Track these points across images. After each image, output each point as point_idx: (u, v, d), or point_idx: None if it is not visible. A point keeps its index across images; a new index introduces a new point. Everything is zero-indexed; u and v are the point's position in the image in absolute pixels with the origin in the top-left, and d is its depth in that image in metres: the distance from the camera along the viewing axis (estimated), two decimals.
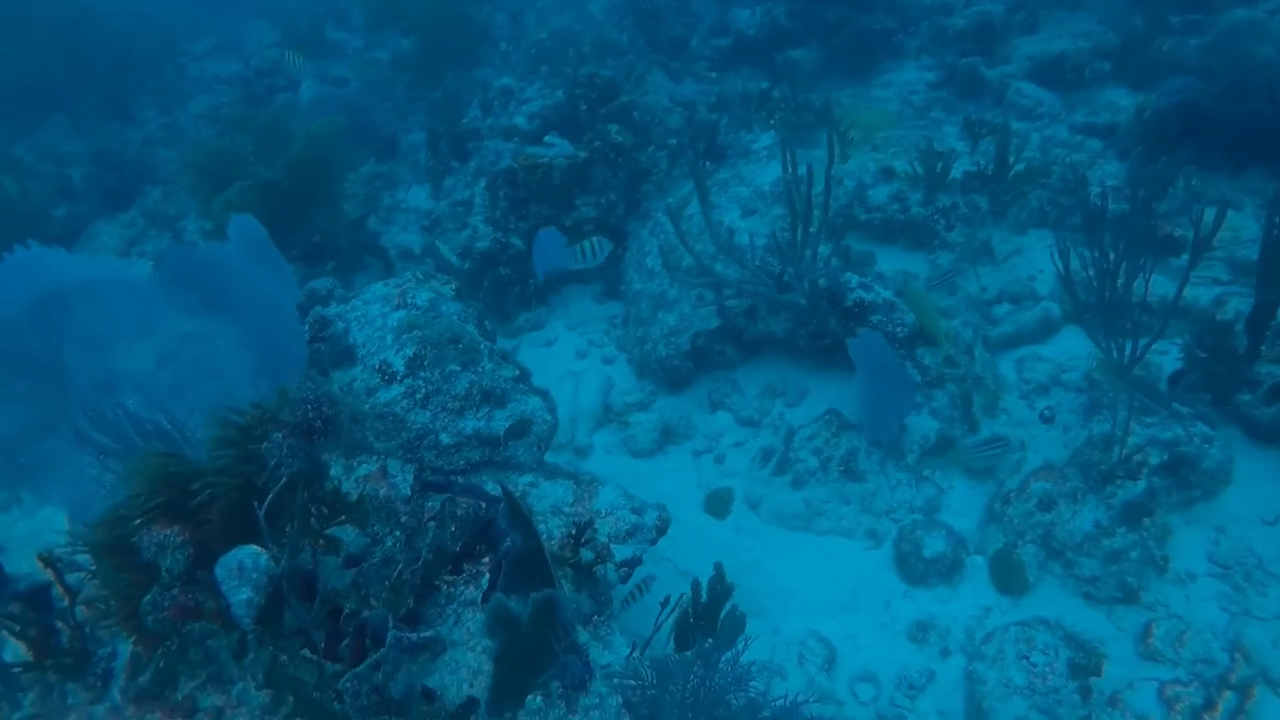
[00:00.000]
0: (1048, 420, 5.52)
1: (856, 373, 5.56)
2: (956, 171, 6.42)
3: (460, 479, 4.54)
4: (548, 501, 4.54)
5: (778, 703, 4.01)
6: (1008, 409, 5.67)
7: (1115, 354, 5.13)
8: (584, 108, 7.15)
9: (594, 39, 8.51)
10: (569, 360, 6.67)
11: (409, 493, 4.32)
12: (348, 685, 2.96)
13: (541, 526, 4.20)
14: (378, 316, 4.78)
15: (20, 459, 4.31)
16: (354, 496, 4.18)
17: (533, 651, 3.22)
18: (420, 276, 5.06)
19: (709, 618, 4.26)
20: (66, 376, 4.27)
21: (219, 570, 3.01)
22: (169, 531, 3.00)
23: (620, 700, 3.54)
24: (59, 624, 3.38)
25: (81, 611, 3.45)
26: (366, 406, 4.57)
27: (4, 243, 6.41)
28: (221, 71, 9.14)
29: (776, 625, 4.95)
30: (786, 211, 5.91)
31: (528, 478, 4.66)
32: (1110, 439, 4.94)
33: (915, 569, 5.01)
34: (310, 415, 3.20)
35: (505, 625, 3.09)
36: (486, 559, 3.78)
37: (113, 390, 4.23)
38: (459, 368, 4.62)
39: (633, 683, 3.58)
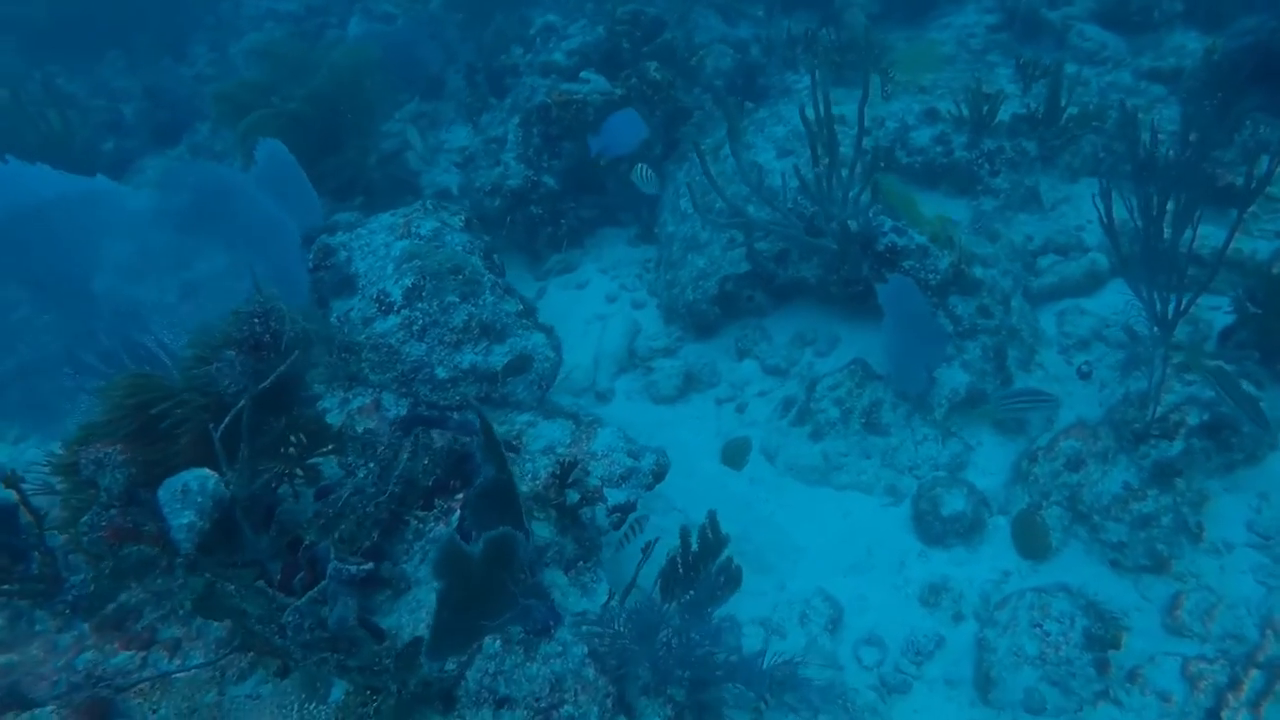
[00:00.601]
0: (1085, 376, 5.19)
1: (885, 320, 5.30)
2: (1005, 114, 6.03)
3: (456, 414, 4.45)
4: (543, 441, 4.43)
5: (763, 661, 3.87)
6: (1044, 363, 5.35)
7: (1158, 308, 4.76)
8: (626, 45, 6.91)
9: None
10: (599, 304, 6.52)
11: None
12: (290, 619, 2.90)
13: (529, 465, 4.12)
14: (381, 246, 4.70)
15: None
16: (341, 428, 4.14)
17: (485, 593, 3.12)
18: (429, 207, 4.97)
19: (700, 569, 4.11)
20: (49, 293, 4.30)
21: (162, 492, 2.96)
22: (110, 449, 2.96)
23: (586, 650, 3.43)
24: (34, 552, 3.39)
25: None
26: (362, 337, 4.52)
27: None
28: (277, 7, 9.14)
29: (783, 582, 4.77)
30: (823, 152, 5.65)
31: (526, 416, 4.56)
32: (1146, 396, 4.60)
33: (933, 528, 4.77)
34: (258, 330, 3.12)
35: (454, 564, 2.98)
36: (460, 495, 3.69)
37: (95, 308, 4.24)
38: (458, 299, 4.53)
39: (599, 631, 3.47)
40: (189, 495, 3.03)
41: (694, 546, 4.06)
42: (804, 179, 5.20)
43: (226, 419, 3.12)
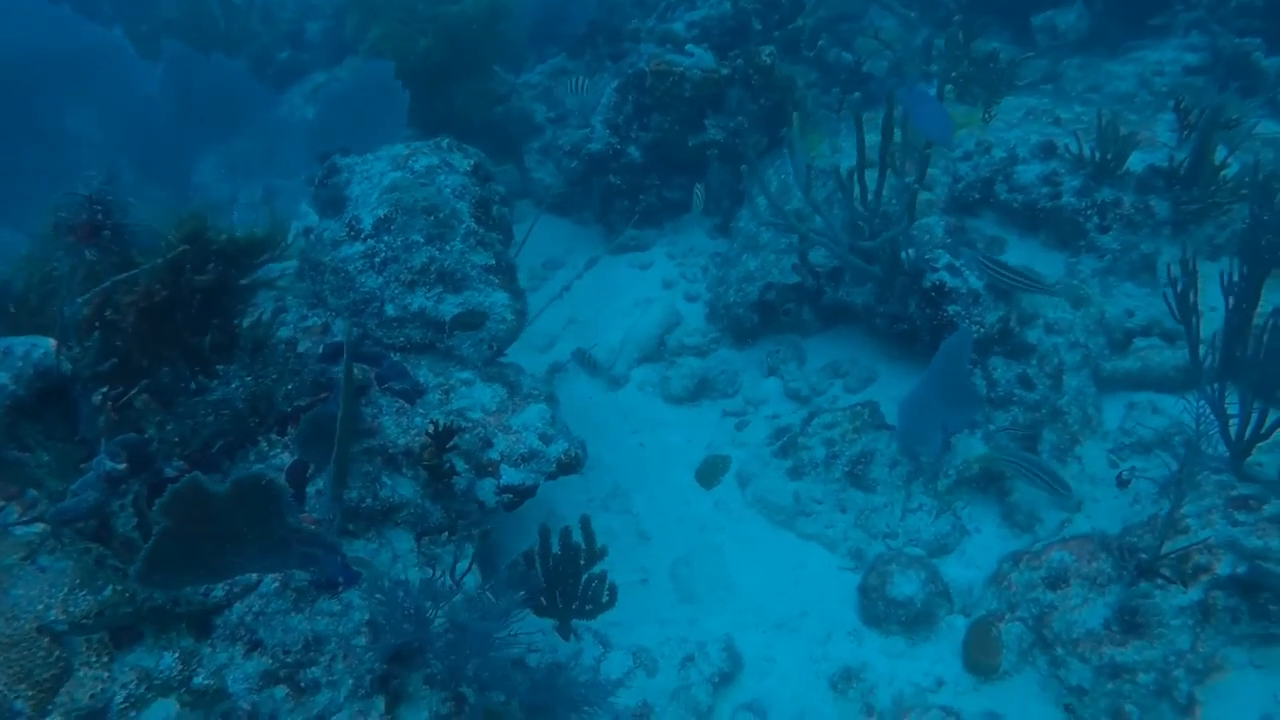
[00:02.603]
0: (1123, 484, 4.30)
1: (926, 371, 4.64)
2: (1139, 164, 5.08)
3: (396, 357, 4.35)
4: (467, 402, 4.24)
5: (606, 693, 3.49)
6: (1084, 458, 4.50)
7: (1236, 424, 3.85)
8: (758, 26, 6.48)
9: None
10: (653, 288, 6.20)
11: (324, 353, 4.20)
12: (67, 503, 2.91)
13: (419, 420, 3.92)
14: (377, 174, 4.66)
15: None
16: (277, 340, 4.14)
17: (236, 533, 2.94)
18: (444, 146, 4.86)
19: (563, 576, 3.78)
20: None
21: None
22: None
23: (367, 618, 3.22)
24: None
25: None
26: (327, 259, 4.50)
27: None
28: None
29: (697, 618, 4.32)
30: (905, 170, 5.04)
31: (466, 374, 4.38)
32: (1169, 523, 3.73)
33: (875, 607, 4.13)
34: (95, 216, 3.12)
35: (187, 504, 2.77)
36: None
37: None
38: (422, 240, 4.40)
39: (383, 602, 3.24)
40: (9, 358, 3.10)
41: (555, 549, 3.74)
42: (846, 190, 4.63)
43: (82, 299, 3.17)
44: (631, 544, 4.73)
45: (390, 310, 4.37)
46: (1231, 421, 3.99)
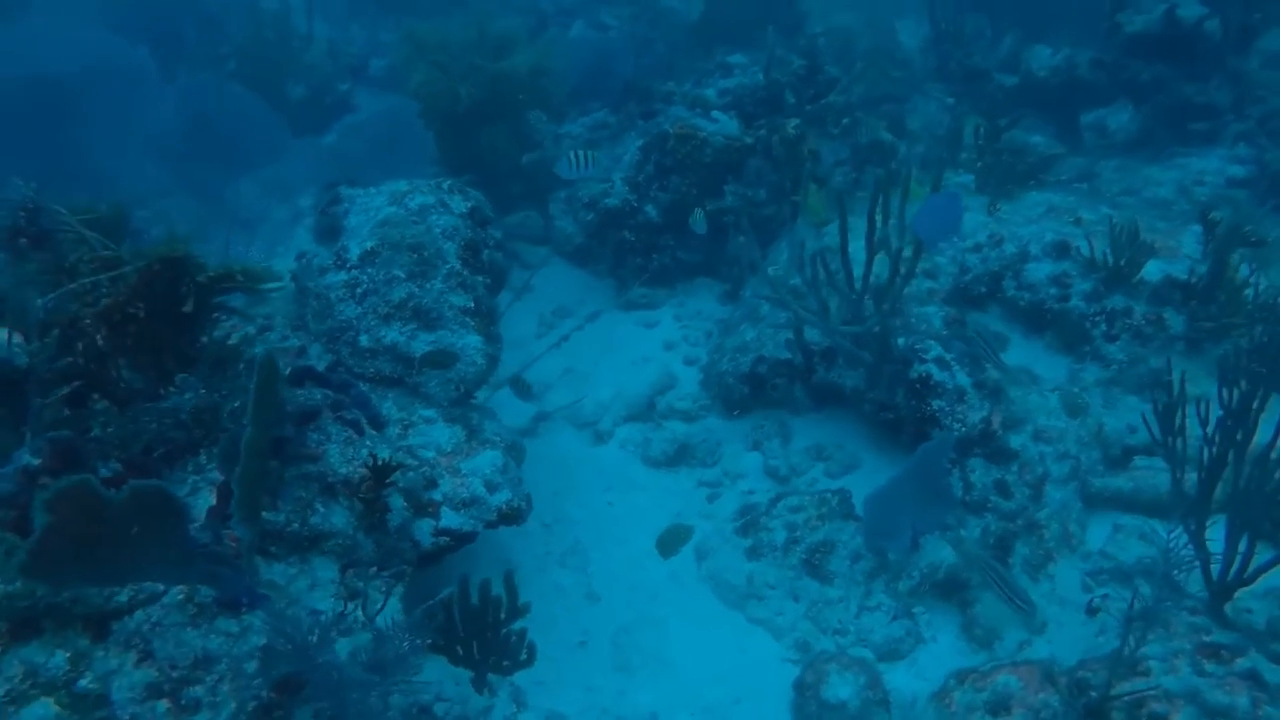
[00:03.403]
0: (1092, 612, 4.05)
1: (901, 468, 4.49)
2: (1157, 273, 4.87)
3: (365, 387, 4.36)
4: (423, 440, 4.23)
5: None
6: (1057, 577, 4.27)
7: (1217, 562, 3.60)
8: (791, 99, 6.46)
9: (875, 45, 7.63)
10: (655, 347, 6.15)
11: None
12: None
13: (364, 452, 3.90)
14: (375, 208, 4.74)
15: None
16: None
17: (130, 540, 2.94)
18: (445, 186, 4.92)
19: (480, 627, 3.70)
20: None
21: None
22: None
23: (263, 642, 3.18)
24: None
25: None
26: (312, 284, 4.57)
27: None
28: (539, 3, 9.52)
29: (626, 690, 4.18)
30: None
31: (429, 412, 4.38)
32: (1124, 662, 3.49)
33: (807, 707, 3.93)
34: (20, 222, 3.19)
35: (77, 503, 2.77)
36: None
37: None
38: (403, 275, 4.44)
39: (279, 631, 3.20)
40: None
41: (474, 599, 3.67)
42: (831, 274, 4.52)
43: (44, 301, 3.26)
44: (579, 604, 4.63)
45: (364, 341, 4.41)
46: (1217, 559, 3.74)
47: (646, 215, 6.26)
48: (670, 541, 4.84)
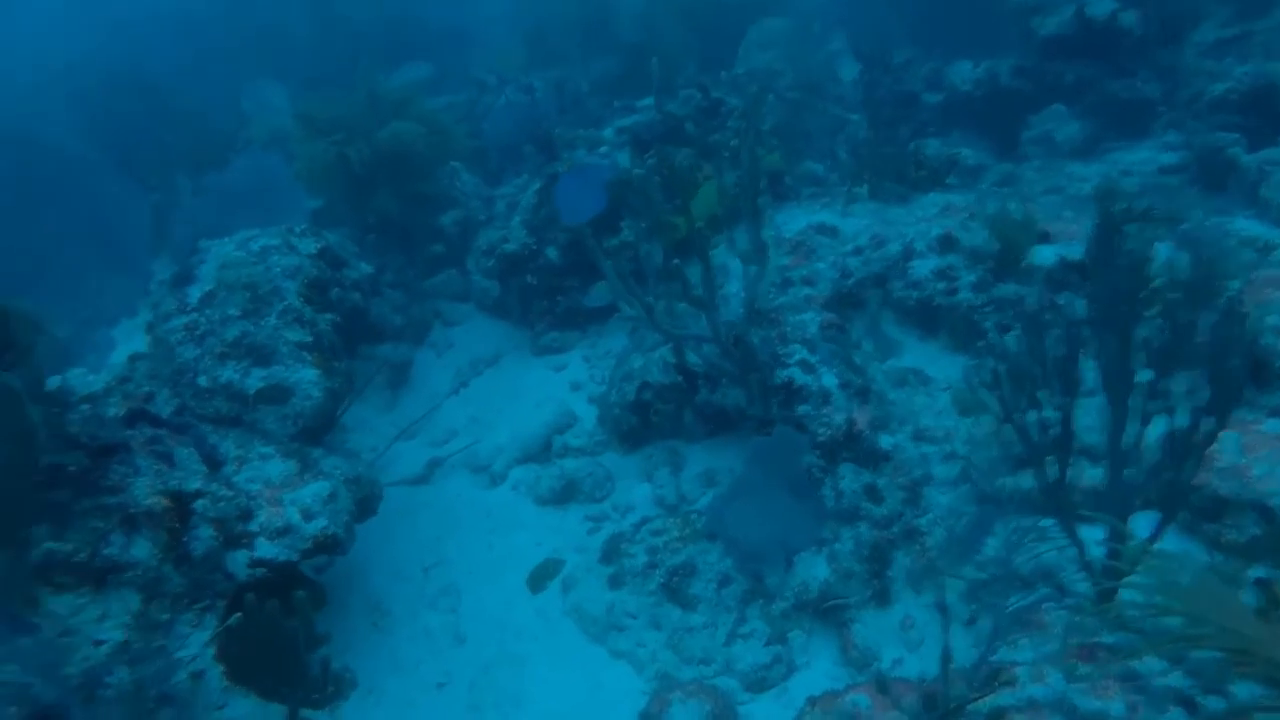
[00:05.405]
0: (973, 622, 3.60)
1: (745, 469, 4.19)
2: (1049, 256, 4.52)
3: (204, 427, 4.23)
4: (255, 472, 4.05)
5: None
6: (946, 587, 3.81)
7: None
8: (692, 129, 6.35)
9: (798, 81, 7.51)
10: (560, 389, 5.93)
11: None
12: None
13: (173, 484, 3.73)
14: (224, 254, 4.69)
15: None
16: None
17: None
18: (296, 231, 4.87)
19: (275, 657, 3.43)
20: None
21: None
22: None
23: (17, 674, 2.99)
24: None
25: None
26: (160, 331, 4.50)
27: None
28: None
29: None
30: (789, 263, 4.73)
31: (268, 449, 4.22)
32: (984, 670, 3.07)
33: None
34: None
35: None
36: None
37: None
38: (238, 314, 4.36)
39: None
40: None
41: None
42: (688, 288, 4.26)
43: None
44: (446, 645, 4.34)
45: (203, 381, 4.31)
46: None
47: (547, 258, 6.12)
48: (540, 577, 4.52)
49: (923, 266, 4.73)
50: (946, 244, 4.75)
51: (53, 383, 4.04)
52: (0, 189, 7.89)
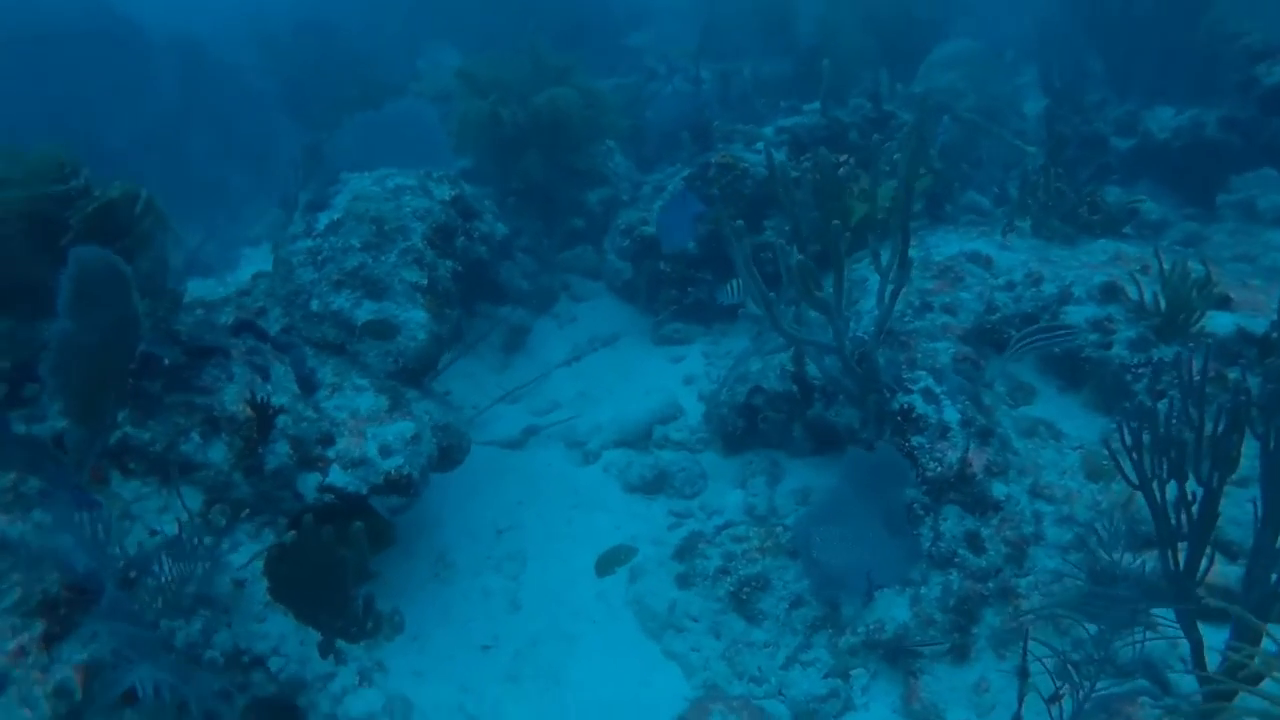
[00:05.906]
0: (1055, 700, 3.20)
1: (839, 485, 3.92)
2: (1226, 324, 4.03)
3: (307, 350, 4.28)
4: (345, 401, 4.06)
5: None
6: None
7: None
8: (856, 136, 6.06)
9: (979, 105, 7.06)
10: (673, 380, 5.75)
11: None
12: None
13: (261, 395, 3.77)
14: (359, 187, 4.75)
15: None
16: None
17: None
18: (434, 176, 4.89)
19: (322, 584, 3.39)
20: None
21: None
22: None
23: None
24: None
25: None
26: (282, 251, 4.58)
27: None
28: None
29: (501, 700, 3.79)
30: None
31: (363, 380, 4.23)
32: None
33: None
34: None
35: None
36: None
37: None
38: (359, 245, 4.39)
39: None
40: None
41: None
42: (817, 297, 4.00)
43: None
44: (500, 609, 4.26)
45: (315, 305, 4.35)
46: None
47: (684, 246, 5.96)
48: (609, 561, 4.34)
49: (1078, 313, 4.32)
50: (1109, 293, 4.32)
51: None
52: (188, 111, 8.34)
